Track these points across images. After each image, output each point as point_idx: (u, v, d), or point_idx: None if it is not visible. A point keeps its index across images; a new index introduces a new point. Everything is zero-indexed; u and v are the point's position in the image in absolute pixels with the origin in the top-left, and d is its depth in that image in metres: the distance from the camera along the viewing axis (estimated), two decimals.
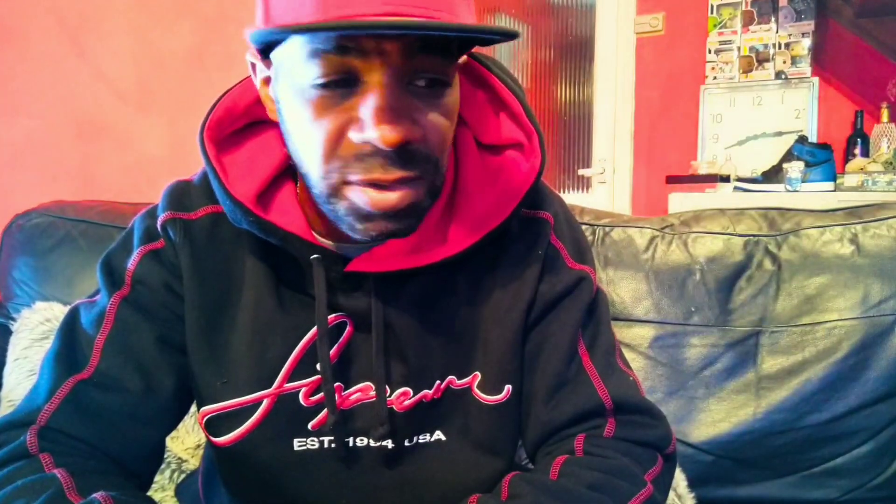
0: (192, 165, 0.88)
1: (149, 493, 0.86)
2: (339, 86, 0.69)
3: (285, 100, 0.73)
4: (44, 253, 1.78)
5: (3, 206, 2.11)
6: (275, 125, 0.84)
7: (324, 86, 0.68)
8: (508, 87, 0.85)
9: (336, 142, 0.70)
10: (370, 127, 0.67)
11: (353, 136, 0.69)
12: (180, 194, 0.87)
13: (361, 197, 0.71)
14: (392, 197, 0.71)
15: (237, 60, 3.43)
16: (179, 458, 1.53)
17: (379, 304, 0.82)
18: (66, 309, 1.64)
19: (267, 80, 0.78)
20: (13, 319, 1.73)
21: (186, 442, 1.55)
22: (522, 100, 0.85)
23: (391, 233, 0.74)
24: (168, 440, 1.50)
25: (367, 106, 0.68)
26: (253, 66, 0.80)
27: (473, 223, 0.82)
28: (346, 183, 0.71)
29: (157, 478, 1.47)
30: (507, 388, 0.87)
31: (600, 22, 3.79)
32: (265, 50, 0.74)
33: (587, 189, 3.94)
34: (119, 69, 3.17)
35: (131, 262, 0.85)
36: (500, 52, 4.18)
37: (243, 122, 0.86)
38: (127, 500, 0.73)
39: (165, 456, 1.49)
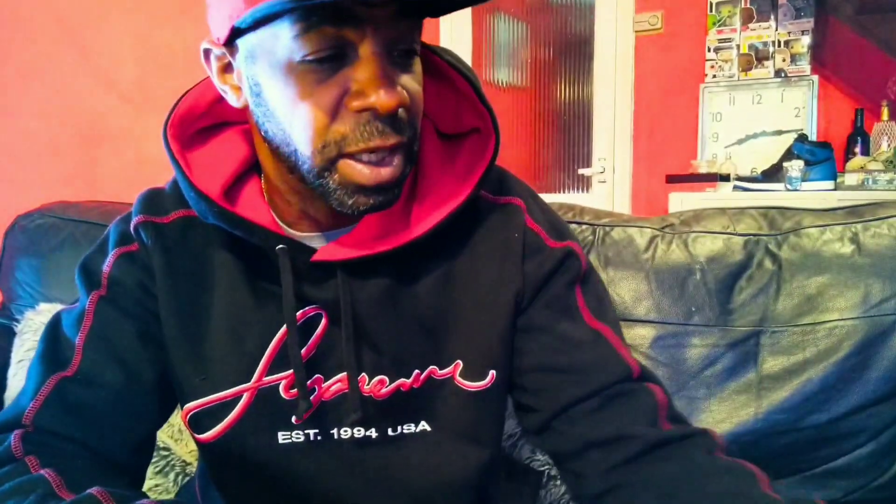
0: None
1: (153, 497, 0.87)
2: (331, 60, 0.71)
3: (266, 81, 0.74)
4: (46, 254, 1.78)
5: (6, 207, 2.11)
6: (236, 124, 0.89)
7: (316, 61, 0.70)
8: (462, 75, 0.87)
9: (332, 115, 0.72)
10: (369, 94, 0.70)
11: (355, 103, 0.71)
12: (152, 200, 0.91)
13: (359, 171, 0.74)
14: (386, 172, 0.75)
15: None
16: (184, 461, 1.52)
17: (347, 293, 0.84)
18: None
19: (226, 68, 0.80)
20: (17, 321, 1.73)
21: (191, 444, 1.54)
22: (475, 84, 0.87)
23: (379, 205, 0.77)
24: (172, 443, 1.51)
25: (365, 75, 0.71)
26: (206, 56, 0.81)
27: (435, 206, 0.84)
28: (343, 156, 0.74)
29: (161, 480, 1.47)
30: (492, 373, 0.89)
31: (599, 20, 3.79)
32: (231, 36, 0.75)
33: (587, 189, 3.95)
34: (121, 70, 3.18)
35: (106, 264, 0.88)
36: (499, 52, 4.17)
37: (206, 122, 0.89)
38: (121, 493, 0.74)
39: (170, 459, 1.50)
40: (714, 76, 3.50)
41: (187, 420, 0.88)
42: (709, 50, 3.49)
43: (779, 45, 3.35)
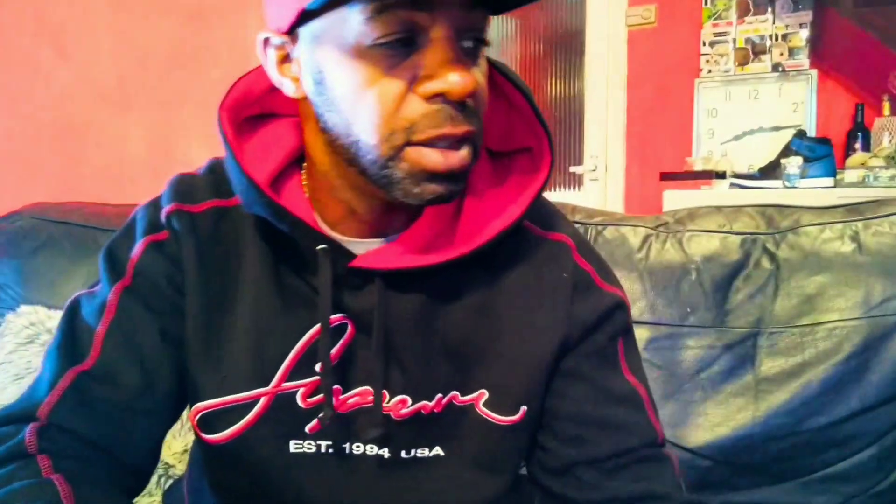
0: (174, 165, 0.87)
1: (135, 499, 0.86)
2: (402, 44, 0.70)
3: (332, 67, 0.73)
4: (27, 256, 1.80)
5: None
6: (284, 117, 0.88)
7: (387, 45, 0.70)
8: (517, 88, 0.86)
9: (400, 101, 0.71)
10: (442, 77, 0.70)
11: (426, 88, 0.71)
12: (185, 187, 0.88)
13: (428, 157, 0.73)
14: (455, 158, 0.73)
15: (218, 58, 3.44)
16: (166, 464, 1.52)
17: (383, 304, 0.82)
18: (51, 312, 1.68)
19: (284, 58, 0.78)
20: None
21: (173, 447, 1.54)
22: (531, 100, 0.86)
23: (447, 195, 0.75)
24: None
25: (437, 58, 0.71)
26: (265, 46, 0.79)
27: (484, 224, 0.83)
28: (410, 144, 0.72)
29: None
30: (523, 409, 0.87)
31: (591, 14, 3.78)
32: (296, 22, 0.74)
33: (579, 187, 3.94)
34: (100, 69, 3.19)
35: (134, 253, 0.85)
36: (489, 47, 4.16)
37: (255, 110, 0.87)
38: None
39: None
40: (709, 71, 3.48)
41: (196, 419, 0.86)
42: (704, 44, 3.48)
43: (776, 39, 3.34)
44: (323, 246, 0.80)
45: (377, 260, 0.81)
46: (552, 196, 0.94)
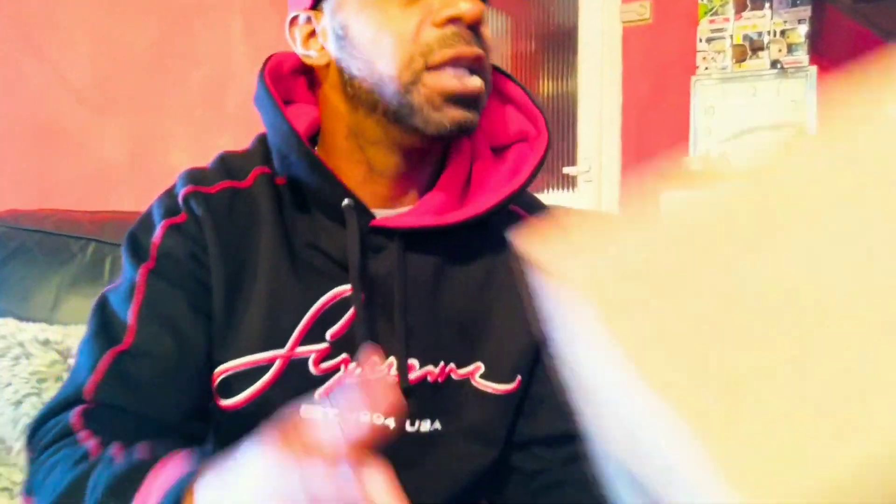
0: (154, 170, 0.79)
1: None
2: None
3: (353, 19, 0.86)
4: None
5: None
6: (298, 104, 0.97)
7: None
8: (507, 76, 0.97)
9: (417, 31, 0.82)
10: (454, 5, 0.81)
11: (440, 14, 0.82)
12: (196, 174, 0.94)
13: (446, 80, 0.83)
14: (471, 82, 0.84)
15: (200, 59, 3.38)
16: None
17: (403, 265, 0.89)
18: (23, 325, 1.64)
19: (310, 35, 0.91)
20: None
21: None
22: (522, 85, 0.98)
23: (465, 123, 0.84)
24: None
25: None
26: (291, 26, 0.92)
27: (493, 190, 0.92)
28: (428, 69, 0.83)
29: None
30: (519, 378, 0.94)
31: (584, 10, 3.77)
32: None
33: (572, 188, 3.90)
34: (77, 70, 3.18)
35: (155, 236, 0.90)
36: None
37: (278, 90, 0.94)
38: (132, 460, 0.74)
39: None
40: (706, 68, 3.45)
41: (217, 384, 0.89)
42: (700, 41, 3.45)
43: (774, 35, 3.31)
44: (348, 201, 0.87)
45: (397, 220, 0.89)
46: (545, 198, 1.05)
